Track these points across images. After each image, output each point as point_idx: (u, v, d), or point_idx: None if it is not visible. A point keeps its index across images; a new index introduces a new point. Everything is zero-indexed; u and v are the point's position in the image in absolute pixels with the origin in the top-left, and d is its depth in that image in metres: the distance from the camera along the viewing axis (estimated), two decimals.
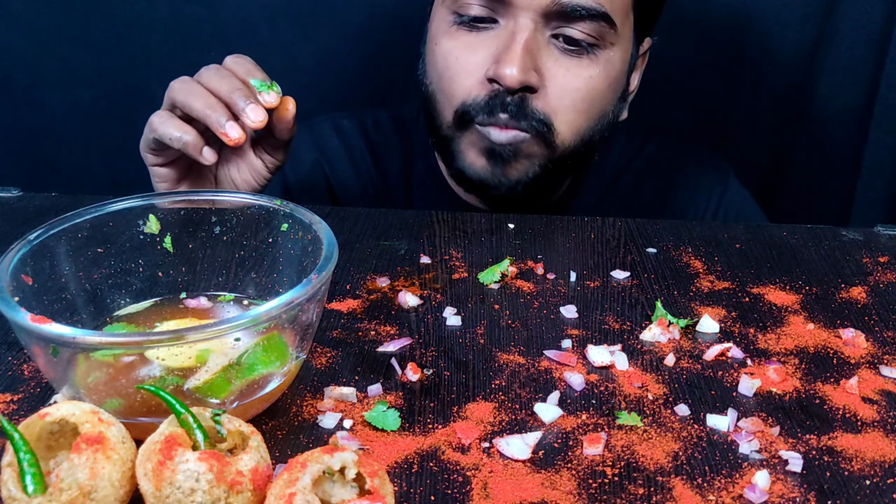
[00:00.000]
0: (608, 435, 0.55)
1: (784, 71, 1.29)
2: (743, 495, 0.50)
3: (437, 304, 0.70)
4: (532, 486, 0.50)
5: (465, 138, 0.93)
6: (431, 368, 0.62)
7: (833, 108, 1.30)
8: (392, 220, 0.87)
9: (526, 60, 0.86)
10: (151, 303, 0.63)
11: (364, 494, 0.43)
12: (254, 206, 0.63)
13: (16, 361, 0.61)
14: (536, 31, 0.87)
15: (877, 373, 0.63)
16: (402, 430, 0.55)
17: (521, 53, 0.86)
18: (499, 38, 0.89)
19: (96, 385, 0.51)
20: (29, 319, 0.48)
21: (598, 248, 0.82)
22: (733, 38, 1.28)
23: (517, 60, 0.86)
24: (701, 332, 0.68)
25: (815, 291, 0.75)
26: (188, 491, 0.42)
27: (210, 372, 0.52)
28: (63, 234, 0.59)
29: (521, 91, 0.88)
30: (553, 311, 0.70)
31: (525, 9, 0.86)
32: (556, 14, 0.86)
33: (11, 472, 0.42)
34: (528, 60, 0.87)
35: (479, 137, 0.92)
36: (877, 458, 0.55)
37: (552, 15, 0.86)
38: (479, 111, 0.90)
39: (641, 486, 0.51)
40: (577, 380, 0.60)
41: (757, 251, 0.82)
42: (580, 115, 0.92)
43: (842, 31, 1.25)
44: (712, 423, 0.57)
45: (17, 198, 0.87)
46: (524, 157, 0.92)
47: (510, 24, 0.88)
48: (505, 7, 0.87)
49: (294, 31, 1.27)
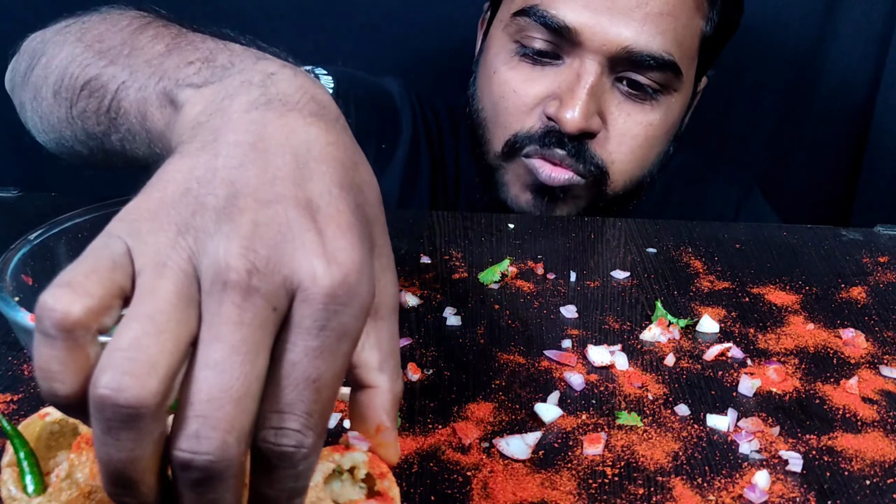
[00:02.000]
0: (608, 435, 0.55)
1: (784, 71, 1.29)
2: (743, 495, 0.50)
3: (437, 304, 0.70)
4: (532, 486, 0.50)
5: (510, 170, 0.91)
6: (431, 368, 0.62)
7: (833, 108, 1.29)
8: (392, 219, 0.87)
9: (590, 106, 0.84)
10: None
11: (373, 496, 0.42)
12: None
13: (16, 361, 0.61)
14: (602, 74, 0.85)
15: (877, 373, 0.63)
16: (402, 430, 0.55)
17: (585, 99, 0.83)
18: (562, 75, 0.86)
19: None
20: (29, 319, 0.47)
21: (597, 248, 0.82)
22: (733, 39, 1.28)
23: (581, 106, 0.83)
24: (701, 332, 0.68)
25: (815, 291, 0.75)
26: None
27: None
28: (63, 234, 0.59)
29: (582, 136, 0.86)
30: (553, 311, 0.70)
31: (594, 52, 0.84)
32: (623, 60, 0.84)
33: (11, 472, 0.42)
34: (592, 105, 0.84)
35: (525, 171, 0.89)
36: (877, 458, 0.55)
37: (620, 61, 0.84)
38: (531, 142, 0.87)
39: (641, 486, 0.51)
40: (577, 380, 0.60)
41: (757, 251, 0.82)
42: (636, 163, 0.90)
43: (842, 31, 1.25)
44: (712, 423, 0.57)
45: (17, 198, 0.87)
46: (572, 198, 0.90)
47: (576, 63, 0.85)
48: (573, 46, 0.85)
49: (295, 32, 1.27)
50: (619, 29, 0.83)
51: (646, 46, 0.83)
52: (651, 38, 0.83)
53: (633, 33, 0.83)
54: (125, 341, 0.30)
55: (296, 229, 0.33)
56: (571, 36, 0.84)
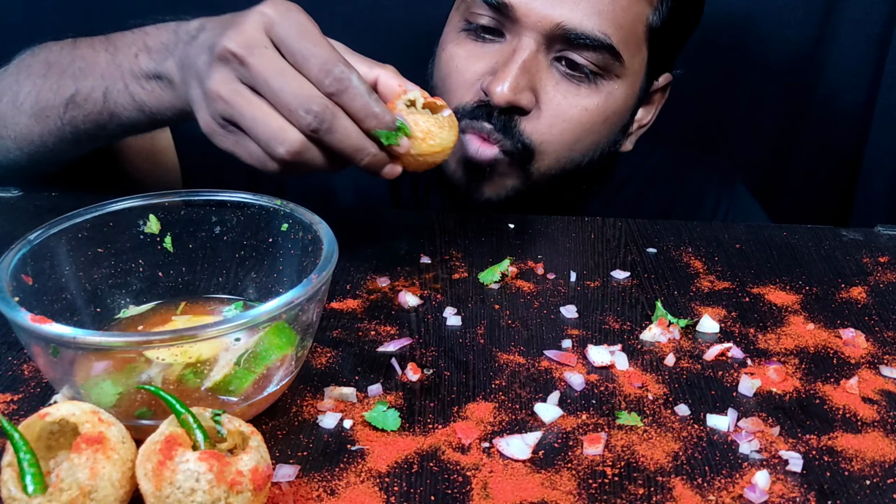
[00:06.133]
0: (608, 435, 0.55)
1: (784, 71, 1.29)
2: (743, 495, 0.50)
3: (438, 304, 0.70)
4: (532, 486, 0.50)
5: None
6: (431, 368, 0.62)
7: (833, 109, 1.29)
8: (392, 219, 0.87)
9: (520, 80, 0.84)
10: (151, 306, 0.63)
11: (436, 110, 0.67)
12: (254, 206, 0.63)
13: (16, 361, 0.61)
14: (539, 52, 0.85)
15: (877, 373, 0.63)
16: (402, 430, 0.55)
17: (515, 73, 0.84)
18: (501, 52, 0.87)
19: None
20: (29, 319, 0.48)
21: (598, 248, 0.82)
22: (733, 39, 1.28)
23: (511, 79, 0.84)
24: (701, 332, 0.68)
25: (815, 291, 0.75)
26: (188, 491, 0.42)
27: (225, 368, 0.52)
28: (63, 234, 0.59)
29: (511, 111, 0.86)
30: (553, 311, 0.70)
31: (530, 28, 0.84)
32: (559, 38, 0.85)
33: (11, 472, 0.42)
34: (523, 80, 0.85)
35: (460, 146, 0.89)
36: (877, 458, 0.55)
37: (556, 38, 0.85)
38: (464, 116, 0.88)
39: (641, 486, 0.51)
40: (577, 380, 0.60)
41: (757, 251, 0.82)
42: (566, 145, 0.89)
43: (842, 31, 1.25)
44: (712, 423, 0.57)
45: (17, 198, 0.87)
46: (498, 177, 0.90)
47: (514, 41, 0.86)
48: (512, 23, 0.86)
49: None
50: (554, 6, 0.84)
51: (579, 24, 0.84)
52: (585, 16, 0.84)
53: (568, 11, 0.84)
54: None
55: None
56: (509, 12, 0.85)
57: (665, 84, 0.98)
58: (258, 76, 0.61)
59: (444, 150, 0.67)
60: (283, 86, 0.61)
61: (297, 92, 0.61)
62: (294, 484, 0.50)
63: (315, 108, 0.61)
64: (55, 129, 0.80)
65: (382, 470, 0.51)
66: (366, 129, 0.63)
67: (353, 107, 0.62)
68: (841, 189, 1.35)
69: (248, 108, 0.62)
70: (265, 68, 0.61)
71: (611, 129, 0.93)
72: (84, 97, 0.77)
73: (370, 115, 0.62)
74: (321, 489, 0.50)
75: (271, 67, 0.61)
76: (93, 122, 0.78)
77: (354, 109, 0.62)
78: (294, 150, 0.62)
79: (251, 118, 0.62)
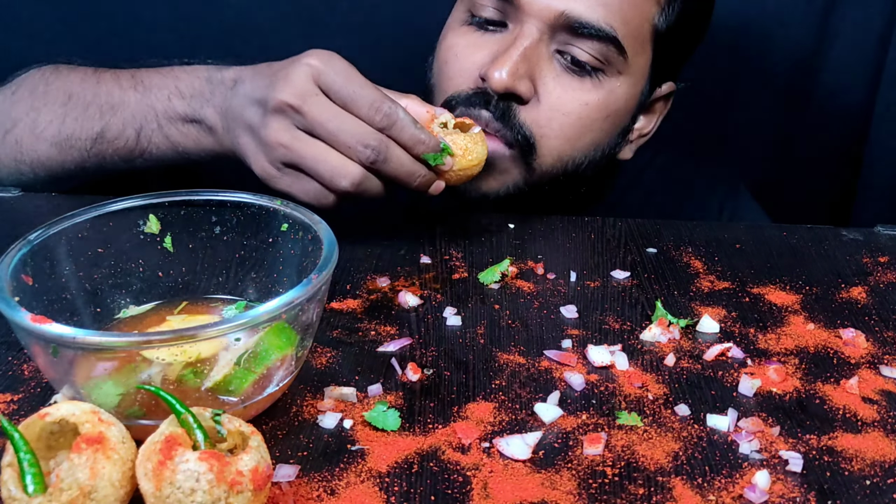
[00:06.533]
0: (608, 435, 0.55)
1: (784, 71, 1.29)
2: (743, 495, 0.50)
3: (437, 304, 0.70)
4: (532, 486, 0.50)
5: None
6: (431, 368, 0.62)
7: (833, 109, 1.29)
8: (392, 219, 0.87)
9: (519, 67, 0.84)
10: (151, 306, 0.63)
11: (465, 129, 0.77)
12: (254, 206, 0.63)
13: (16, 361, 0.61)
14: (541, 41, 0.85)
15: (877, 373, 0.63)
16: (402, 430, 0.55)
17: (516, 59, 0.84)
18: (502, 41, 0.87)
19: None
20: (29, 319, 0.48)
21: (598, 248, 0.82)
22: (734, 39, 1.28)
23: (510, 65, 0.83)
24: (701, 332, 0.68)
25: (815, 291, 0.75)
26: (188, 491, 0.42)
27: (225, 368, 0.52)
28: (63, 234, 0.59)
29: (509, 98, 0.85)
30: (553, 311, 0.70)
31: (533, 16, 0.84)
32: (563, 27, 0.84)
33: (11, 472, 0.42)
34: (523, 68, 0.84)
35: None
36: (877, 458, 0.55)
37: (559, 27, 0.84)
38: (460, 103, 0.87)
39: (641, 486, 0.51)
40: (578, 380, 0.60)
41: (757, 251, 0.82)
42: (566, 141, 0.89)
43: (842, 31, 1.25)
44: (712, 423, 0.57)
45: (17, 198, 0.87)
46: (498, 174, 0.88)
47: (517, 29, 0.86)
48: (515, 12, 0.85)
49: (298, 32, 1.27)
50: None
51: (584, 14, 0.83)
52: (590, 7, 0.84)
53: (573, 1, 0.84)
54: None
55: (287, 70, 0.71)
56: (513, 1, 0.85)
57: (667, 93, 0.98)
58: (314, 121, 0.69)
59: (480, 163, 0.77)
60: (339, 127, 0.69)
61: (353, 130, 0.69)
62: (294, 484, 0.50)
63: (372, 142, 0.69)
64: (78, 159, 0.85)
65: (382, 470, 0.51)
66: (415, 154, 0.72)
67: (403, 137, 0.71)
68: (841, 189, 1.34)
69: (309, 150, 0.70)
70: (320, 114, 0.69)
71: (611, 128, 0.92)
72: (115, 134, 0.83)
73: (418, 142, 0.71)
74: (321, 489, 0.50)
75: (326, 112, 0.69)
76: (121, 157, 0.84)
77: (404, 139, 0.71)
78: (357, 181, 0.70)
79: (312, 159, 0.70)
